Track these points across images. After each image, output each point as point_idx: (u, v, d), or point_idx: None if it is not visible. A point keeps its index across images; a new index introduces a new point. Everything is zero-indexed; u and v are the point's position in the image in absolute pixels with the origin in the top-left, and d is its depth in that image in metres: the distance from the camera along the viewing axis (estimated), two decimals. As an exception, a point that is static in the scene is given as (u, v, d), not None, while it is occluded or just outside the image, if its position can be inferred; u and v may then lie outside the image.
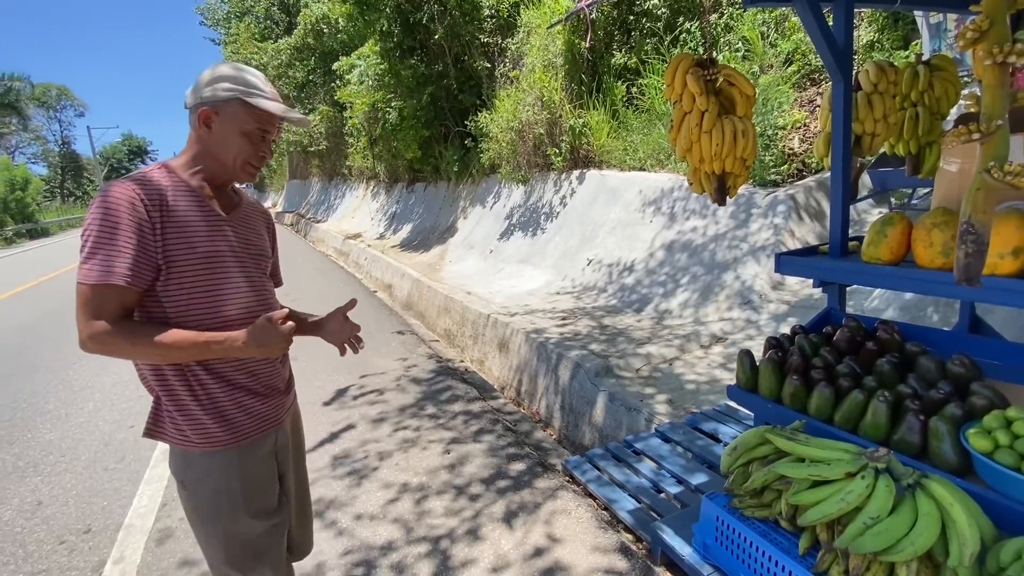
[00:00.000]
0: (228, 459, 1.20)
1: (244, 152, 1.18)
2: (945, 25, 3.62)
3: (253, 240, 1.28)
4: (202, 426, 1.18)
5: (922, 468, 1.27)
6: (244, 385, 1.22)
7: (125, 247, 1.04)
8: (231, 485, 1.20)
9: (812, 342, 1.71)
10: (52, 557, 2.29)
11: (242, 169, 1.20)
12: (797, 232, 3.90)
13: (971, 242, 1.02)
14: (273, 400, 1.28)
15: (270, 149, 1.24)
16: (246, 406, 1.22)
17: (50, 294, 8.88)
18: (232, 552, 1.23)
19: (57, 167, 42.55)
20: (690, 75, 1.72)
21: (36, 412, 3.86)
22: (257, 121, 1.17)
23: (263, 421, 1.26)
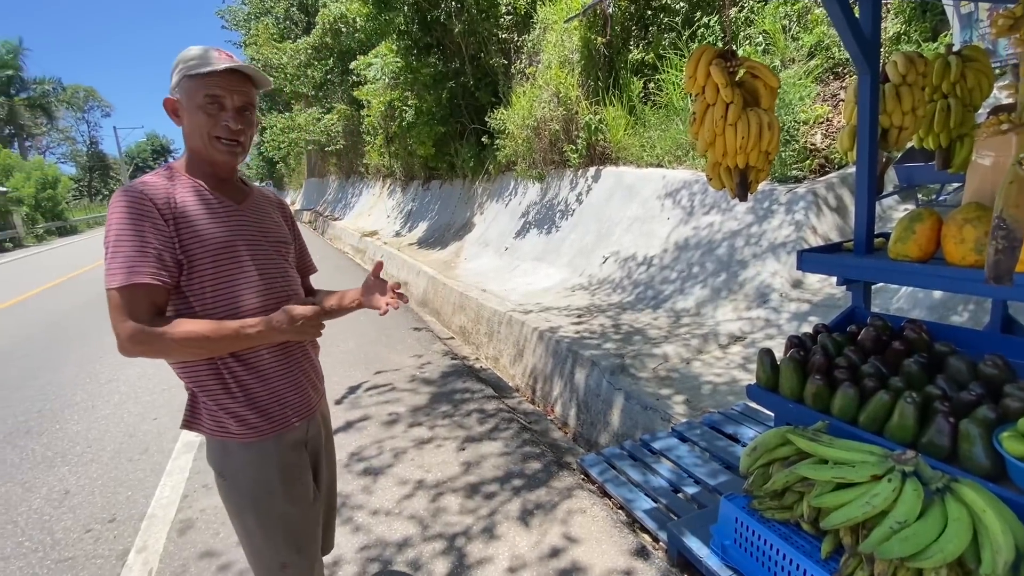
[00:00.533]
0: (265, 449, 1.21)
1: (204, 126, 1.13)
2: (977, 15, 3.50)
3: (271, 228, 1.28)
4: (238, 417, 1.19)
5: (952, 472, 1.23)
6: (276, 375, 1.23)
7: (144, 246, 1.06)
8: (269, 474, 1.21)
9: (836, 341, 1.66)
10: (79, 545, 2.36)
11: (212, 146, 1.15)
12: (819, 229, 3.82)
13: (1002, 238, 0.98)
14: (305, 389, 1.29)
15: (240, 119, 1.15)
16: (280, 395, 1.23)
17: (78, 290, 9.13)
18: (274, 541, 1.24)
19: (85, 167, 43.72)
20: (714, 66, 1.68)
21: (64, 404, 3.97)
22: (204, 89, 1.11)
23: (296, 410, 1.26)
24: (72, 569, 2.20)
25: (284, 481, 1.24)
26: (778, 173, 4.36)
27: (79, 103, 41.76)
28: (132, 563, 2.19)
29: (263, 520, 1.23)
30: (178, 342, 1.07)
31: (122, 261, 1.04)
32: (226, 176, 1.23)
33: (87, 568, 2.20)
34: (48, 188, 25.06)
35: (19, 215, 22.29)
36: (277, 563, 1.26)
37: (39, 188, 24.21)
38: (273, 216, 1.32)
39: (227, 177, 1.23)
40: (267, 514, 1.22)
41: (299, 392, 1.28)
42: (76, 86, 40.97)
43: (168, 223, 1.09)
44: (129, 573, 2.13)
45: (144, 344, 1.06)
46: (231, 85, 1.14)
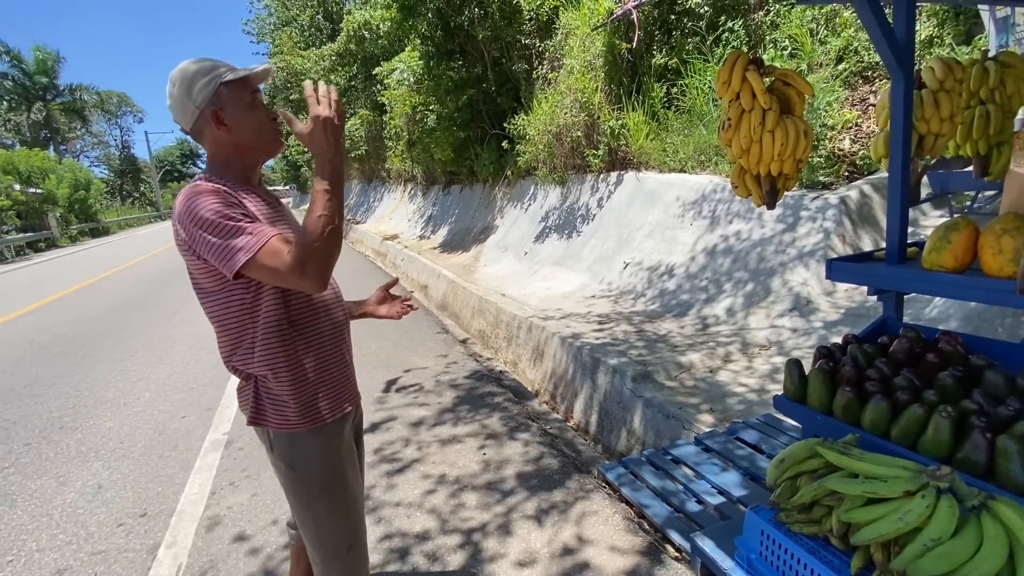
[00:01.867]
0: (331, 435, 1.27)
1: (261, 123, 1.20)
2: (1013, 19, 3.40)
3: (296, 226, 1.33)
4: (305, 405, 1.23)
5: (988, 489, 1.20)
6: (334, 361, 1.29)
7: (239, 219, 1.08)
8: (337, 460, 1.28)
9: (866, 352, 1.63)
10: (111, 538, 2.43)
11: (272, 140, 1.23)
12: (848, 236, 3.74)
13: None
14: (353, 374, 1.37)
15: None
16: (337, 381, 1.29)
17: (111, 289, 9.43)
18: (341, 525, 1.29)
19: (117, 170, 45.16)
20: (751, 71, 1.67)
21: (97, 401, 4.11)
22: (249, 88, 1.19)
23: (351, 394, 1.34)
24: (104, 562, 2.28)
25: (349, 465, 1.31)
26: (805, 179, 4.29)
27: (112, 108, 43.19)
28: (162, 557, 2.25)
29: (334, 505, 1.28)
30: (319, 241, 1.04)
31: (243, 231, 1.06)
32: (259, 181, 1.29)
33: (119, 561, 2.27)
34: (81, 190, 25.96)
35: (53, 216, 23.11)
36: (345, 545, 1.30)
37: (72, 190, 25.09)
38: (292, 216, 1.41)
39: (259, 182, 1.29)
40: (337, 499, 1.28)
41: (351, 377, 1.36)
42: (110, 92, 42.39)
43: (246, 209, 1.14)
44: (159, 567, 2.19)
45: (311, 267, 1.04)
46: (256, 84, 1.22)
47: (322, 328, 1.27)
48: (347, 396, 1.33)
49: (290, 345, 1.21)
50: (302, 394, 1.22)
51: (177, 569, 2.17)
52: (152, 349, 5.36)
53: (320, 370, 1.26)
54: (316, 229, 1.04)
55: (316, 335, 1.25)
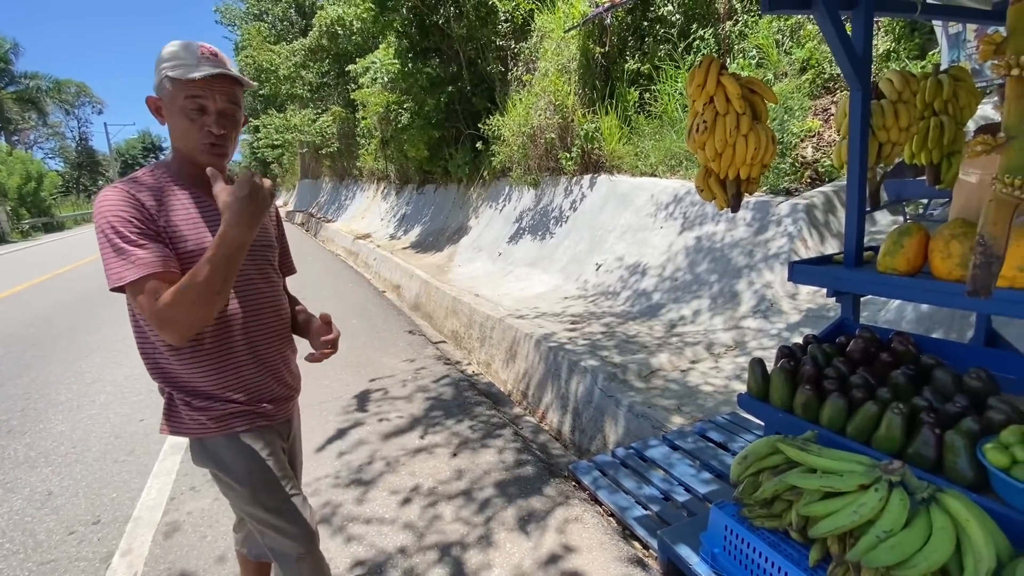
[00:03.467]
0: (249, 439, 1.24)
1: (187, 130, 1.13)
2: (964, 35, 3.58)
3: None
4: (217, 412, 1.20)
5: (937, 482, 1.25)
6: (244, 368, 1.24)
7: (136, 238, 1.05)
8: (260, 462, 1.24)
9: (825, 352, 1.69)
10: (61, 547, 2.32)
11: (196, 150, 1.14)
12: (810, 241, 3.87)
13: (980, 254, 1.01)
14: (281, 377, 1.33)
15: (223, 122, 1.14)
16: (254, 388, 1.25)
17: (65, 287, 9.01)
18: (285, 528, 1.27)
19: (74, 163, 43.20)
20: (726, 76, 1.71)
21: (48, 403, 3.91)
22: (185, 91, 1.09)
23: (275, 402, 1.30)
24: (55, 572, 2.17)
25: (277, 467, 1.27)
26: (771, 184, 4.42)
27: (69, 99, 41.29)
28: (116, 566, 2.16)
29: (271, 502, 1.25)
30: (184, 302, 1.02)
31: (124, 257, 1.04)
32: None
33: (70, 571, 2.17)
34: (31, 182, 24.73)
35: (3, 209, 21.95)
36: (295, 552, 1.29)
37: (23, 181, 23.89)
38: None
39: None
40: (274, 496, 1.25)
41: (277, 382, 1.31)
42: (67, 81, 40.50)
43: (153, 216, 1.09)
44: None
45: (167, 323, 1.03)
46: (214, 87, 1.11)
47: (232, 339, 1.20)
48: (268, 408, 1.28)
49: (193, 358, 1.16)
50: (214, 402, 1.20)
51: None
52: (108, 349, 5.14)
53: (231, 380, 1.21)
54: (185, 296, 1.02)
55: (224, 347, 1.19)
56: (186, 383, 1.19)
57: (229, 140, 1.18)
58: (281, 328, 1.34)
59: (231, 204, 1.04)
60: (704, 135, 1.78)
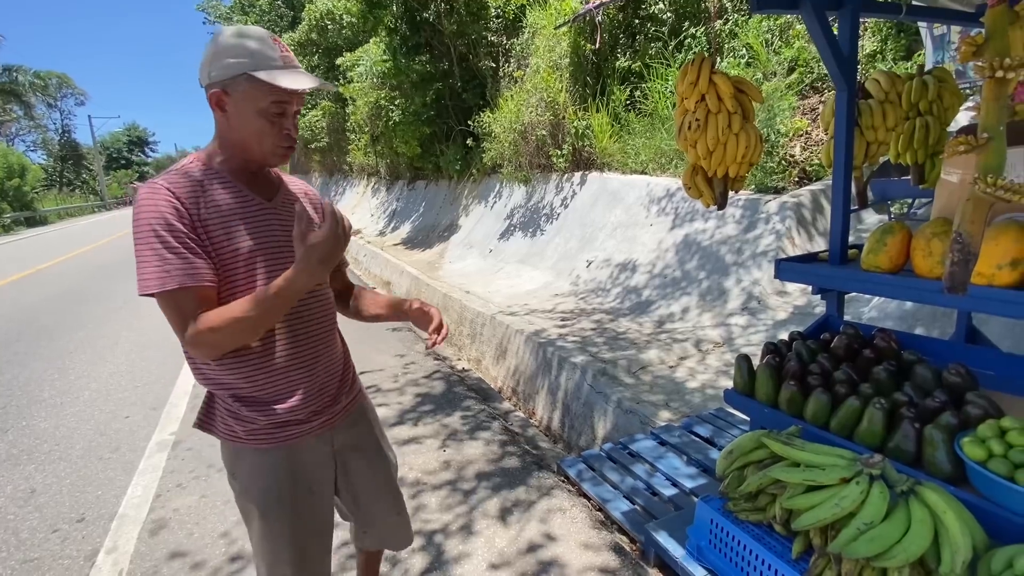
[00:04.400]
0: (276, 458, 1.17)
1: (266, 133, 1.07)
2: (949, 37, 3.64)
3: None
4: (250, 422, 1.14)
5: (916, 475, 1.28)
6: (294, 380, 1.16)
7: (176, 246, 0.99)
8: (279, 484, 1.17)
9: (810, 348, 1.72)
10: (45, 545, 2.29)
11: (271, 153, 1.10)
12: (797, 239, 3.92)
13: (957, 251, 1.03)
14: (326, 395, 1.23)
15: (295, 124, 1.12)
16: (294, 404, 1.16)
17: (48, 282, 8.86)
18: (275, 552, 1.21)
19: (57, 156, 42.38)
20: (719, 75, 1.73)
21: (31, 400, 3.85)
22: (273, 96, 1.04)
23: (312, 422, 1.20)
24: (38, 570, 2.14)
25: (294, 493, 1.19)
26: (759, 183, 4.46)
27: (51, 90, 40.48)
28: (101, 564, 2.14)
29: (268, 529, 1.19)
30: (224, 330, 1.01)
31: (156, 265, 0.98)
32: (256, 170, 1.17)
33: (54, 569, 2.15)
34: (15, 176, 24.24)
35: (-16, 204, 21.53)
36: (277, 573, 1.23)
37: (6, 175, 23.41)
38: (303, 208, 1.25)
39: (257, 171, 1.17)
40: (272, 523, 1.19)
41: (319, 403, 1.21)
42: (48, 72, 39.68)
43: (194, 221, 1.02)
44: (98, 574, 2.08)
45: (207, 344, 1.01)
46: (297, 95, 1.09)
47: (278, 346, 1.14)
48: (307, 425, 1.19)
49: (238, 363, 1.10)
50: (248, 412, 1.13)
51: (118, 575, 2.07)
52: (93, 346, 5.07)
53: (271, 396, 1.14)
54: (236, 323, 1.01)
55: (269, 355, 1.13)
56: (228, 387, 1.13)
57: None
58: (327, 329, 1.25)
59: (317, 248, 1.02)
60: (696, 133, 1.79)
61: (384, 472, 1.41)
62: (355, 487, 1.35)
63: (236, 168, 1.12)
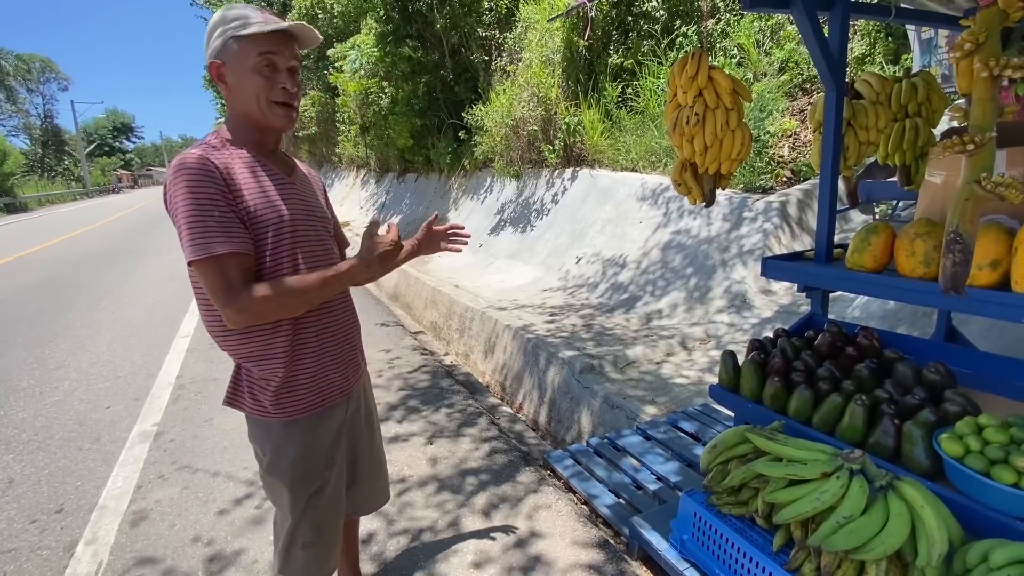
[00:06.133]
0: (306, 429, 1.23)
1: (260, 89, 1.09)
2: (936, 41, 3.69)
3: (314, 203, 1.27)
4: (282, 395, 1.19)
5: (895, 470, 1.31)
6: (325, 353, 1.23)
7: (220, 215, 1.03)
8: (309, 455, 1.24)
9: (794, 345, 1.74)
10: (23, 536, 2.25)
11: (270, 111, 1.11)
12: (784, 238, 3.96)
13: (959, 251, 1.04)
14: (348, 368, 1.31)
15: (293, 80, 1.13)
16: (324, 375, 1.24)
17: (28, 270, 8.67)
18: (303, 522, 1.27)
19: (38, 141, 41.43)
20: (717, 71, 1.73)
21: (9, 389, 3.78)
22: (257, 48, 1.07)
23: (339, 389, 1.29)
24: (15, 560, 2.11)
25: (323, 463, 1.27)
26: (747, 182, 4.50)
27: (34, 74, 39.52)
28: (80, 555, 2.11)
29: (296, 500, 1.24)
30: (283, 303, 1.06)
31: (201, 232, 1.01)
32: (273, 147, 1.21)
33: (32, 560, 2.11)
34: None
35: (-38, 189, 20.98)
36: (301, 542, 1.28)
37: (-13, 160, 22.88)
38: (316, 192, 1.33)
39: (274, 148, 1.22)
40: (302, 494, 1.24)
41: (342, 371, 1.29)
42: (31, 56, 38.75)
43: (231, 190, 1.07)
44: (77, 565, 2.05)
45: (249, 312, 1.04)
46: (281, 45, 1.09)
47: (307, 328, 1.20)
48: (336, 391, 1.28)
49: (270, 340, 1.16)
50: (280, 386, 1.19)
51: (97, 567, 2.04)
52: (74, 335, 4.97)
53: (301, 366, 1.20)
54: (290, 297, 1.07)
55: (299, 334, 1.19)
56: (257, 360, 1.17)
57: (297, 100, 1.17)
58: (344, 302, 1.31)
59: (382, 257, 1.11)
60: (695, 127, 1.78)
61: (378, 433, 1.53)
62: (356, 450, 1.43)
63: (253, 143, 1.15)
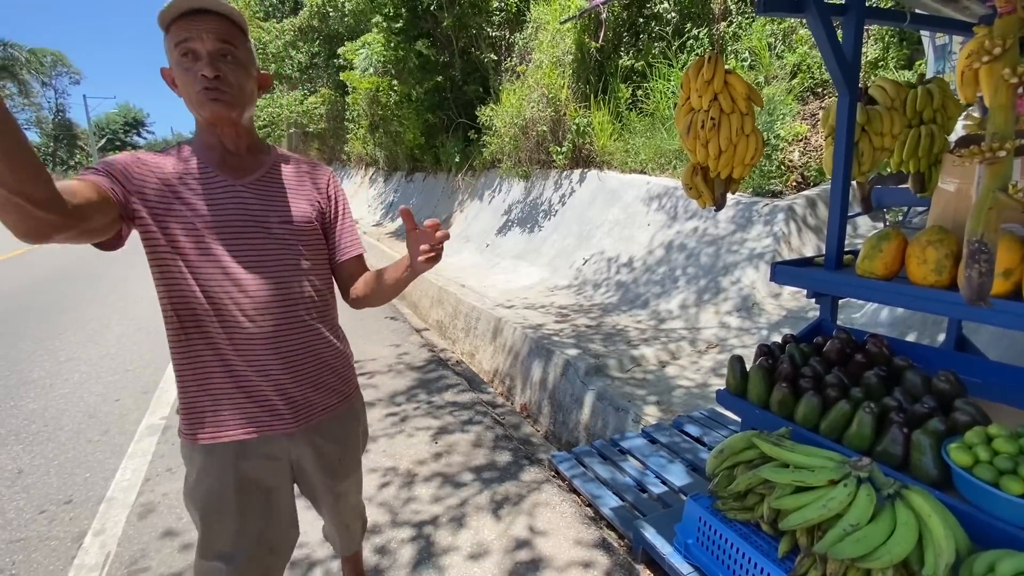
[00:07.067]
0: (205, 455, 1.11)
1: (188, 84, 1.01)
2: (951, 47, 3.66)
3: (279, 208, 1.12)
4: (185, 415, 1.12)
5: (903, 479, 1.30)
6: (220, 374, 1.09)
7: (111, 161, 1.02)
8: (223, 486, 1.12)
9: (802, 351, 1.73)
10: (31, 526, 2.28)
11: (199, 104, 1.02)
12: (793, 243, 3.94)
13: (984, 261, 1.02)
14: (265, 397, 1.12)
15: (215, 64, 1.00)
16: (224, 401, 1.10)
17: (40, 263, 8.77)
18: (209, 552, 1.16)
19: (50, 135, 41.83)
20: (734, 75, 1.73)
21: (19, 381, 3.82)
22: (174, 39, 0.99)
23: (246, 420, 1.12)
24: (24, 550, 2.13)
25: (238, 498, 1.12)
26: (757, 186, 4.48)
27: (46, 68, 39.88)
28: (89, 546, 2.13)
29: (207, 529, 1.15)
30: None
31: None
32: (234, 147, 1.10)
33: (40, 550, 2.14)
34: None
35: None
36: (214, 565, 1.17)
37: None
38: (297, 192, 1.16)
39: (236, 148, 1.10)
40: (211, 524, 1.14)
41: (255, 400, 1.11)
42: (43, 49, 39.07)
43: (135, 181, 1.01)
44: (85, 556, 2.08)
45: None
46: (197, 27, 0.98)
47: (212, 335, 1.07)
48: (238, 422, 1.11)
49: (179, 345, 1.08)
50: (185, 402, 1.11)
51: (105, 558, 2.06)
52: (84, 328, 5.03)
53: (204, 383, 1.09)
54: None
55: (203, 342, 1.07)
56: (178, 377, 1.11)
57: (230, 84, 1.02)
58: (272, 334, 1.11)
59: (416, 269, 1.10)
60: (711, 131, 1.78)
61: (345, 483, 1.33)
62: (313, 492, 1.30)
63: (207, 147, 1.09)
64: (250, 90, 1.08)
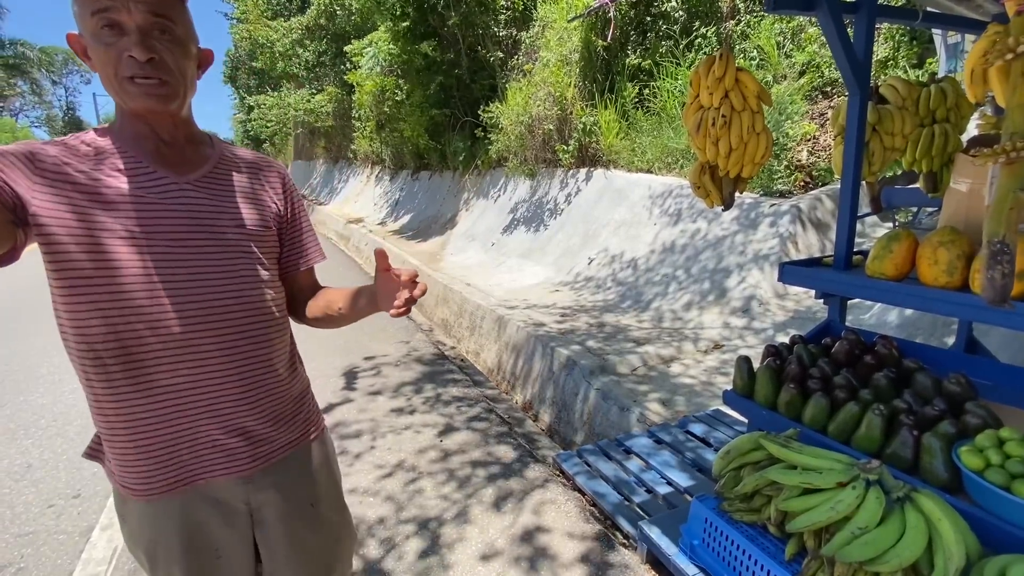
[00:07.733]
0: (168, 508, 0.93)
1: (108, 62, 0.80)
2: (963, 46, 3.62)
3: (228, 209, 0.93)
4: (131, 467, 0.91)
5: (913, 482, 1.29)
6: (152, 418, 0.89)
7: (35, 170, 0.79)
8: (168, 538, 0.94)
9: (811, 352, 1.72)
10: (40, 520, 2.30)
11: (122, 91, 0.82)
12: (801, 243, 3.91)
13: (1007, 262, 1.01)
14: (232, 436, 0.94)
15: (146, 43, 0.80)
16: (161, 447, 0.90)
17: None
18: None
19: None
20: (745, 73, 1.71)
21: (29, 376, 3.86)
22: (90, 7, 0.78)
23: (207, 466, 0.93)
24: (32, 544, 2.15)
25: (187, 551, 0.94)
26: (765, 186, 4.45)
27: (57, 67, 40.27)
28: (96, 540, 2.15)
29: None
30: None
31: None
32: (170, 137, 0.90)
33: (48, 544, 2.16)
34: (20, 152, 24.25)
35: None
36: None
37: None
38: (250, 191, 0.98)
39: (172, 138, 0.90)
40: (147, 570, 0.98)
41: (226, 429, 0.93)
42: (54, 48, 39.45)
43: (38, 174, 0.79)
44: (93, 550, 2.09)
45: None
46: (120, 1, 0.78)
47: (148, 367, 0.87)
48: (183, 470, 0.92)
49: (103, 388, 0.87)
50: (113, 452, 0.92)
51: (112, 552, 2.08)
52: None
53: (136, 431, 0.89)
54: None
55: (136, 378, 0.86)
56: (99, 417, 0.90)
57: (168, 70, 0.83)
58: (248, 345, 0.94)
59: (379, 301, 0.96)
60: (722, 130, 1.76)
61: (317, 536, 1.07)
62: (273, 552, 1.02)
63: (137, 134, 0.88)
64: (191, 74, 0.88)
